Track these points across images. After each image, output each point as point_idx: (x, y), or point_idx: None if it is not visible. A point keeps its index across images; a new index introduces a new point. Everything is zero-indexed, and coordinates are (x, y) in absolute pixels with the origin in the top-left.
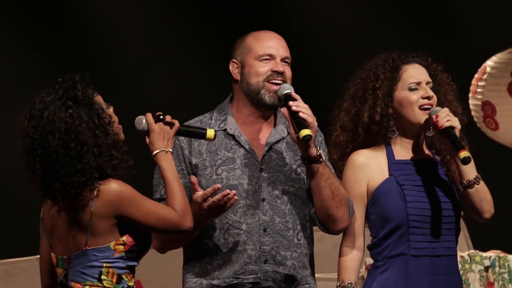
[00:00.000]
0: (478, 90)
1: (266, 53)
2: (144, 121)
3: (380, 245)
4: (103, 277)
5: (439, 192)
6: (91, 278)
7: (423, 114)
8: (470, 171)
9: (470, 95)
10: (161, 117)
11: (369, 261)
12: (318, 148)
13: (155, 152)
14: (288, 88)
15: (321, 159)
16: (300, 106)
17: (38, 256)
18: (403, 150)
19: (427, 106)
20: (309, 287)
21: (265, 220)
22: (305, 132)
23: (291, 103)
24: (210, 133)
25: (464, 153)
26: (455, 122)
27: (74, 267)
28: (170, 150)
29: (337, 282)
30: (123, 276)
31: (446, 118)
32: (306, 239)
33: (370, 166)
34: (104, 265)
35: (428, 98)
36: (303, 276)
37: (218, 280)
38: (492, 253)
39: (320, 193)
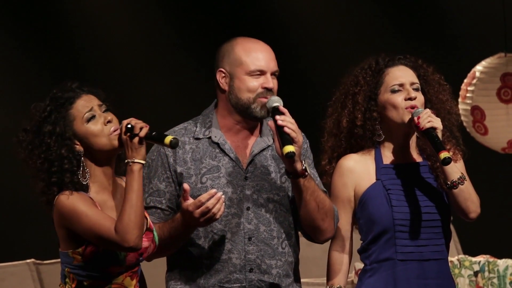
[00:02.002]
0: (468, 95)
1: (257, 69)
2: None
3: (368, 249)
4: (66, 279)
5: (427, 196)
6: (61, 278)
7: (407, 112)
8: (454, 171)
9: (459, 99)
10: (129, 126)
11: (359, 266)
12: (303, 161)
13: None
14: (276, 101)
15: (306, 173)
16: (286, 121)
17: (27, 261)
18: (392, 154)
19: (411, 107)
20: None
21: (250, 228)
22: (288, 148)
23: (277, 117)
24: (166, 140)
25: (444, 154)
26: (437, 123)
27: None
28: (137, 161)
29: (326, 286)
30: (85, 283)
31: (428, 119)
32: (291, 247)
33: (357, 171)
34: (66, 269)
35: (411, 99)
36: (287, 285)
37: None
38: (481, 258)
39: (306, 206)
